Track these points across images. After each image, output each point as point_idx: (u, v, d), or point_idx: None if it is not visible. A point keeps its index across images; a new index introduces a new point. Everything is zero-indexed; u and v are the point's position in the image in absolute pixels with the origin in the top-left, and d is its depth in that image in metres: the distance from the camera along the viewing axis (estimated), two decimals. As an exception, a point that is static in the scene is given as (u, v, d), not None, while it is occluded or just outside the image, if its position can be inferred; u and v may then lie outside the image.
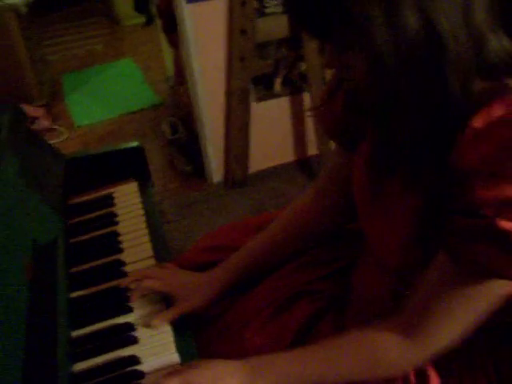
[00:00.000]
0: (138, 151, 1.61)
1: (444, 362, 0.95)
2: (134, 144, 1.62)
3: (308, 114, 3.02)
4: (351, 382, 0.95)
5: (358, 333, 0.96)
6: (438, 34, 0.73)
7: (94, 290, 1.22)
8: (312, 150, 3.20)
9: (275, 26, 2.79)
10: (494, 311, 0.84)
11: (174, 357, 1.05)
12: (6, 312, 0.94)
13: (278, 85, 3.03)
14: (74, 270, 1.28)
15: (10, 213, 1.14)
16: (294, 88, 3.06)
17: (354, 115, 1.04)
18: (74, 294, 1.21)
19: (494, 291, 0.82)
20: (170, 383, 0.92)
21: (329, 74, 2.80)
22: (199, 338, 1.13)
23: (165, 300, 1.18)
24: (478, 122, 0.76)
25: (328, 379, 0.95)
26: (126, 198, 1.52)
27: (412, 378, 0.97)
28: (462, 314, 0.85)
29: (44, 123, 3.84)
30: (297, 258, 1.23)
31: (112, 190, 1.55)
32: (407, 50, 0.74)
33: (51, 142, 3.59)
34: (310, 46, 2.76)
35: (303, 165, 3.21)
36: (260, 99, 3.02)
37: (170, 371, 0.97)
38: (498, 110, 0.75)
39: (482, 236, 0.76)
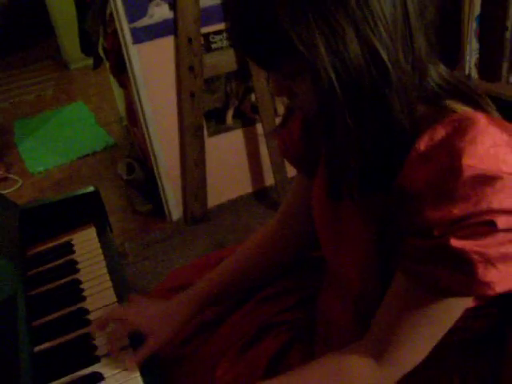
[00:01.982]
0: (94, 195, 1.60)
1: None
2: (90, 189, 1.60)
3: (263, 140, 3.04)
4: None
5: (325, 358, 0.96)
6: (381, 61, 0.75)
7: (58, 341, 1.19)
8: (269, 180, 3.22)
9: (223, 60, 2.82)
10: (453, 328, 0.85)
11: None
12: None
13: (229, 118, 3.05)
14: (37, 322, 1.25)
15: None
16: (246, 120, 3.08)
17: (310, 140, 1.05)
18: (38, 348, 1.18)
19: (454, 307, 0.84)
20: None
21: (279, 103, 2.83)
22: (169, 378, 1.12)
23: (130, 339, 1.15)
24: (421, 144, 0.78)
25: None
26: (85, 244, 1.50)
27: None
28: (426, 332, 0.87)
29: (-3, 173, 3.80)
30: (261, 288, 1.23)
31: (71, 237, 1.54)
32: (351, 77, 0.76)
33: (5, 191, 3.55)
34: (259, 77, 2.80)
35: (261, 195, 3.23)
36: (213, 133, 3.04)
37: None
38: (439, 133, 0.78)
39: (434, 256, 0.77)
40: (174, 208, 3.11)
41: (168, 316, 1.18)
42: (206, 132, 2.98)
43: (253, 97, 2.99)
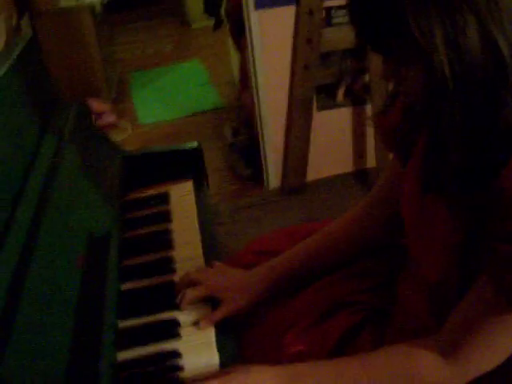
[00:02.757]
0: (197, 152, 1.65)
1: None
2: (194, 144, 1.65)
3: (369, 123, 3.01)
4: None
5: (396, 348, 0.96)
6: (501, 57, 0.73)
7: (143, 283, 1.25)
8: (371, 162, 3.19)
9: (341, 36, 2.80)
10: None
11: (215, 358, 1.07)
12: (56, 298, 0.98)
13: (340, 95, 3.03)
14: (126, 263, 1.31)
15: (69, 204, 1.18)
16: (357, 99, 3.06)
17: (410, 128, 1.04)
18: (124, 286, 1.24)
19: None
20: None
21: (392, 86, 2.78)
22: (239, 340, 1.15)
23: (210, 301, 1.20)
24: None
25: None
26: (182, 196, 1.55)
27: None
28: (502, 341, 0.85)
29: (109, 119, 3.92)
30: (341, 268, 1.24)
31: (168, 188, 1.59)
32: (465, 70, 0.74)
33: (114, 137, 3.68)
34: (374, 58, 2.76)
35: (361, 177, 3.20)
36: (322, 108, 3.03)
37: (208, 376, 0.99)
38: None
39: None
40: (273, 176, 3.14)
41: (245, 287, 1.21)
42: (315, 105, 2.98)
43: (366, 77, 2.96)
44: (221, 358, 1.07)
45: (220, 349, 1.09)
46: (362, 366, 0.96)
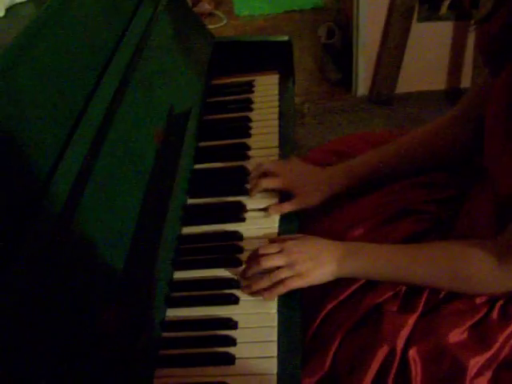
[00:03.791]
0: (287, 45, 1.63)
1: None
2: (284, 38, 1.63)
3: (472, 38, 2.86)
4: (434, 286, 1.00)
5: (451, 243, 0.99)
6: None
7: (215, 165, 1.28)
8: (465, 82, 3.07)
9: None
10: None
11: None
12: (131, 168, 1.02)
13: (444, 7, 2.90)
14: (202, 144, 1.34)
15: (154, 77, 1.20)
16: (462, 13, 2.92)
17: (509, 40, 1.00)
18: (197, 166, 1.28)
19: None
20: (269, 250, 1.00)
21: None
22: (301, 232, 1.17)
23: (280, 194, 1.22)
24: None
25: (411, 274, 1.00)
26: (266, 87, 1.55)
27: (494, 314, 0.97)
28: None
29: (206, 7, 3.90)
30: (410, 177, 1.22)
31: (254, 78, 1.59)
32: None
33: (209, 26, 3.66)
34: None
35: (452, 95, 3.10)
36: (423, 19, 2.90)
37: (271, 239, 1.06)
38: None
39: None
40: (362, 83, 3.08)
41: (322, 184, 1.21)
42: (415, 16, 2.87)
43: (475, -11, 2.82)
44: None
45: (281, 237, 1.12)
46: (417, 251, 1.01)
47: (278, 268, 1.01)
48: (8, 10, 1.00)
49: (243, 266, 1.05)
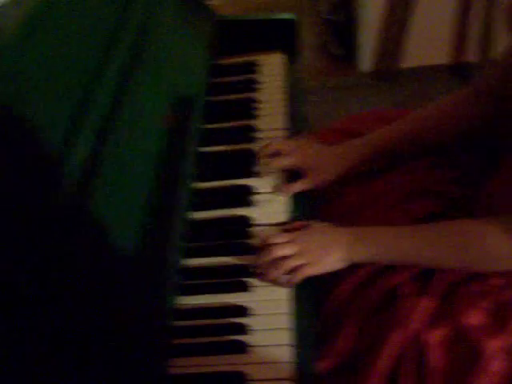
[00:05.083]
0: (291, 24, 1.59)
1: None
2: (289, 16, 1.60)
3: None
4: (445, 264, 0.99)
5: (464, 219, 0.99)
6: None
7: (222, 148, 1.26)
8: (470, 56, 3.02)
9: None
10: None
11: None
12: (140, 151, 1.00)
13: (449, -22, 2.85)
14: (208, 126, 1.32)
15: (159, 59, 1.18)
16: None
17: None
18: (203, 149, 1.25)
19: None
20: (278, 240, 0.99)
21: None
22: (316, 213, 1.15)
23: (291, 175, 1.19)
24: None
25: (422, 254, 0.99)
26: (270, 67, 1.52)
27: None
28: None
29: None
30: (429, 156, 1.20)
31: (259, 57, 1.55)
32: None
33: (210, 2, 3.61)
34: None
35: (459, 70, 3.05)
36: (427, -9, 2.87)
37: (282, 228, 1.05)
38: None
39: None
40: (366, 59, 3.04)
41: (335, 157, 1.19)
42: (419, -12, 2.82)
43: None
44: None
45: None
46: (427, 231, 1.01)
47: (290, 257, 1.00)
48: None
49: (254, 253, 1.04)
